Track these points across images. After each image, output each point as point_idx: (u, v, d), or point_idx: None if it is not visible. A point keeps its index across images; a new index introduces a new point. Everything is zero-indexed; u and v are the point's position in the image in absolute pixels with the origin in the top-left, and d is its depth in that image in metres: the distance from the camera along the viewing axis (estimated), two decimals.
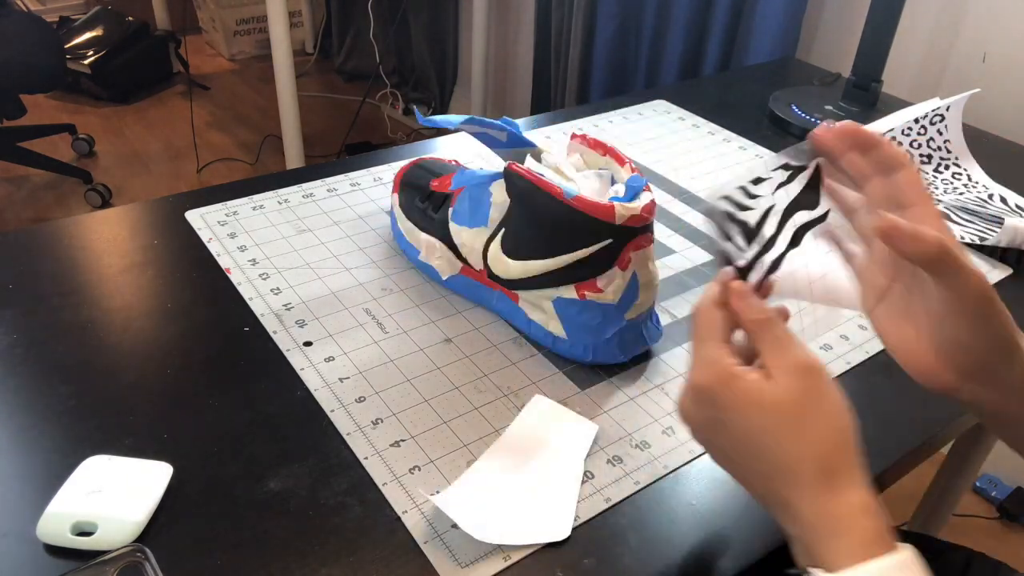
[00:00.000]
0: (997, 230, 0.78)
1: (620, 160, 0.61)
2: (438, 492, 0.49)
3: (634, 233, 0.56)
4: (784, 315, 0.42)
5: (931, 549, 0.70)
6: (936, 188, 0.89)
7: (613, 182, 0.61)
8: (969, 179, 0.91)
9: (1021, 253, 0.78)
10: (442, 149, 0.91)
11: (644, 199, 0.56)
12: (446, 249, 0.65)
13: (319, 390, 0.56)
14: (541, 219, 0.57)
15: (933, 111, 0.93)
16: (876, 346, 0.65)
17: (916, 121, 0.93)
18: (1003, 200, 0.87)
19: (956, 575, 0.67)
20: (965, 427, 0.63)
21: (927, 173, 0.92)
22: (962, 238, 0.79)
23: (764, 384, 0.38)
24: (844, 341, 0.65)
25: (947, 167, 0.93)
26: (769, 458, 0.38)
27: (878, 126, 0.94)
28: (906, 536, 0.72)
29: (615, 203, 0.55)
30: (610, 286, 0.57)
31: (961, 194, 0.88)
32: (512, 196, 0.60)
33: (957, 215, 0.83)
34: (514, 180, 0.58)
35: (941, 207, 0.85)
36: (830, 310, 0.47)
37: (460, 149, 0.91)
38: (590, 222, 0.55)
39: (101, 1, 3.15)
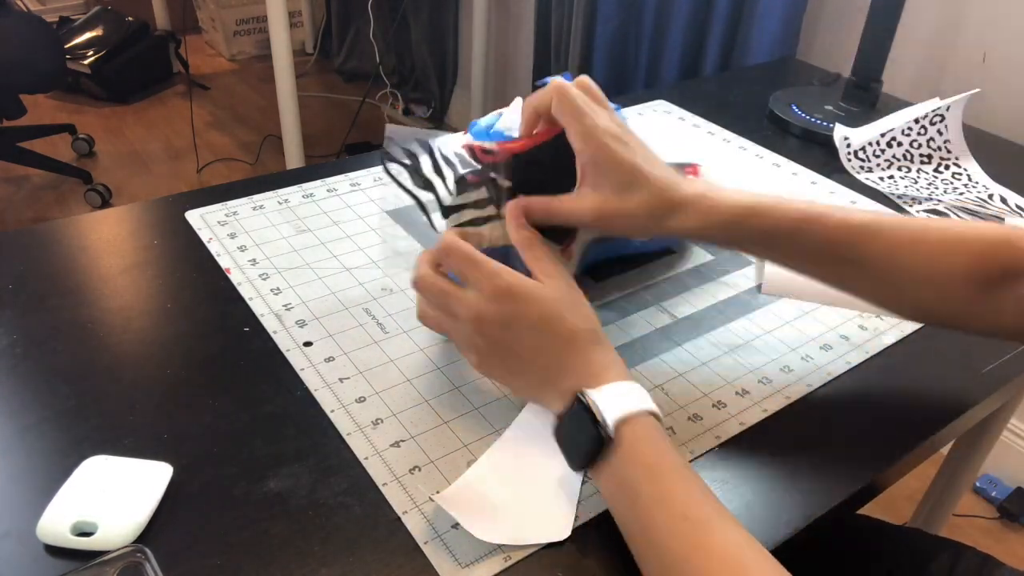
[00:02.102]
0: None
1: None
2: (439, 492, 0.49)
3: None
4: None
5: (921, 545, 0.70)
6: (936, 188, 0.89)
7: None
8: (969, 179, 0.91)
9: None
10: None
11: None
12: None
13: (319, 390, 0.56)
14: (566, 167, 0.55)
15: (933, 111, 0.93)
16: (876, 346, 0.65)
17: (916, 121, 0.93)
18: (1003, 200, 0.87)
19: (944, 570, 0.67)
20: (965, 427, 0.63)
21: (927, 173, 0.92)
22: None
23: (543, 287, 0.50)
24: (844, 341, 0.65)
25: (947, 167, 0.93)
26: (555, 335, 0.49)
27: (878, 126, 0.94)
28: (897, 531, 0.73)
29: None
30: None
31: (961, 194, 0.88)
32: (517, 180, 0.55)
33: (957, 215, 0.83)
34: (513, 164, 0.55)
35: (941, 207, 0.85)
36: None
37: None
38: None
39: (101, 1, 3.15)
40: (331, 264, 0.70)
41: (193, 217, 0.75)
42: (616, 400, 0.46)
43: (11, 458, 0.50)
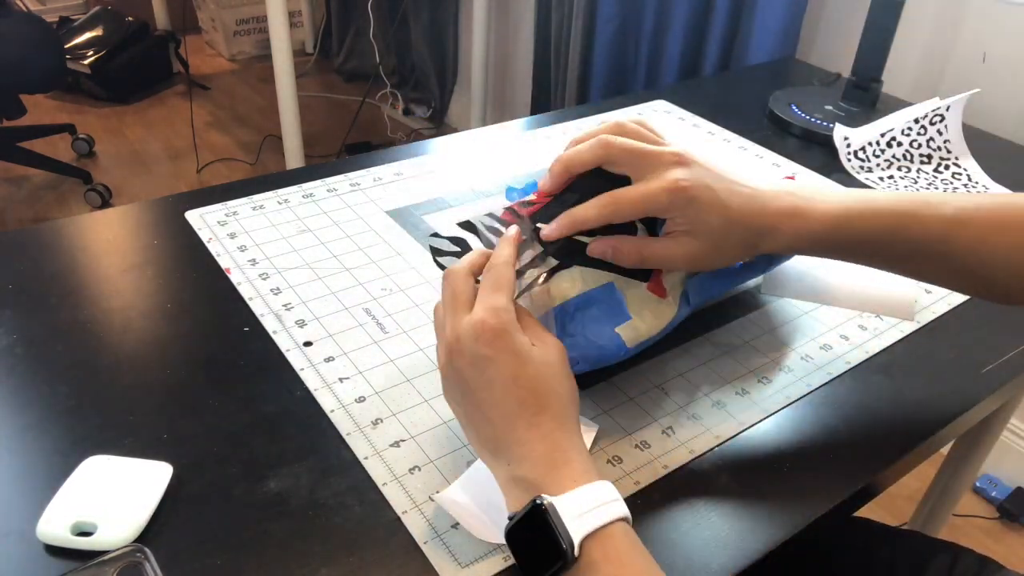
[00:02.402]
0: None
1: None
2: (439, 492, 0.49)
3: None
4: None
5: (920, 547, 0.70)
6: (936, 188, 0.89)
7: None
8: (969, 179, 0.91)
9: None
10: (440, 150, 0.91)
11: None
12: None
13: (319, 390, 0.56)
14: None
15: (933, 111, 0.93)
16: (876, 346, 0.65)
17: (916, 121, 0.93)
18: None
19: (943, 573, 0.67)
20: (965, 427, 0.63)
21: (927, 173, 0.92)
22: None
23: (533, 347, 0.46)
24: (844, 341, 0.65)
25: (947, 167, 0.93)
26: (522, 401, 0.44)
27: (878, 126, 0.94)
28: (895, 533, 0.73)
29: None
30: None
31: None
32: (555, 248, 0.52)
33: None
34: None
35: None
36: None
37: (462, 150, 0.91)
38: None
39: (101, 1, 3.15)
40: (331, 264, 0.70)
41: (193, 217, 0.75)
42: (582, 511, 0.40)
43: (11, 458, 0.50)
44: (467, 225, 0.55)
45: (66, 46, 2.75)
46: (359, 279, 0.68)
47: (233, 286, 0.66)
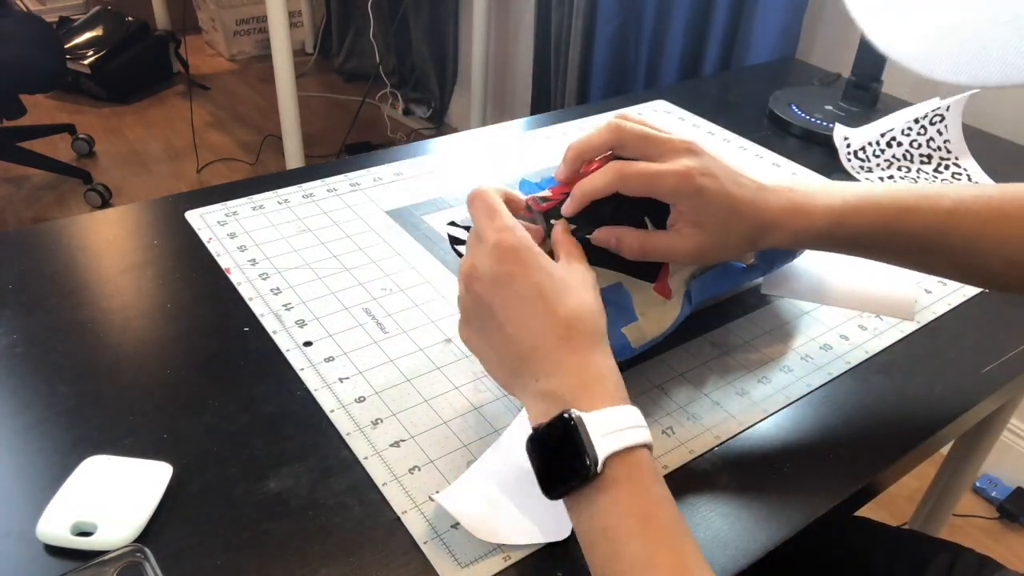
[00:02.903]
0: None
1: None
2: (438, 492, 0.49)
3: None
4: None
5: (919, 546, 0.70)
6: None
7: None
8: (969, 179, 0.91)
9: None
10: (440, 150, 0.91)
11: None
12: None
13: (319, 390, 0.56)
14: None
15: (933, 111, 0.93)
16: (876, 346, 0.65)
17: (916, 121, 0.93)
18: None
19: (943, 573, 0.67)
20: (965, 427, 0.63)
21: (927, 173, 0.92)
22: None
23: (560, 264, 0.46)
24: (844, 341, 0.65)
25: (947, 167, 0.93)
26: (549, 314, 0.43)
27: (878, 126, 0.94)
28: (895, 532, 0.73)
29: None
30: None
31: None
32: (577, 219, 0.52)
33: None
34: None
35: None
36: None
37: (462, 150, 0.91)
38: None
39: (101, 1, 3.15)
40: (331, 264, 0.70)
41: (193, 217, 0.75)
42: (611, 430, 0.40)
43: (11, 458, 0.50)
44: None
45: (66, 46, 2.75)
46: (359, 279, 0.68)
47: (233, 286, 0.66)
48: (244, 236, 0.73)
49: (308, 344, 0.60)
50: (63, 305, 0.63)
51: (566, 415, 0.40)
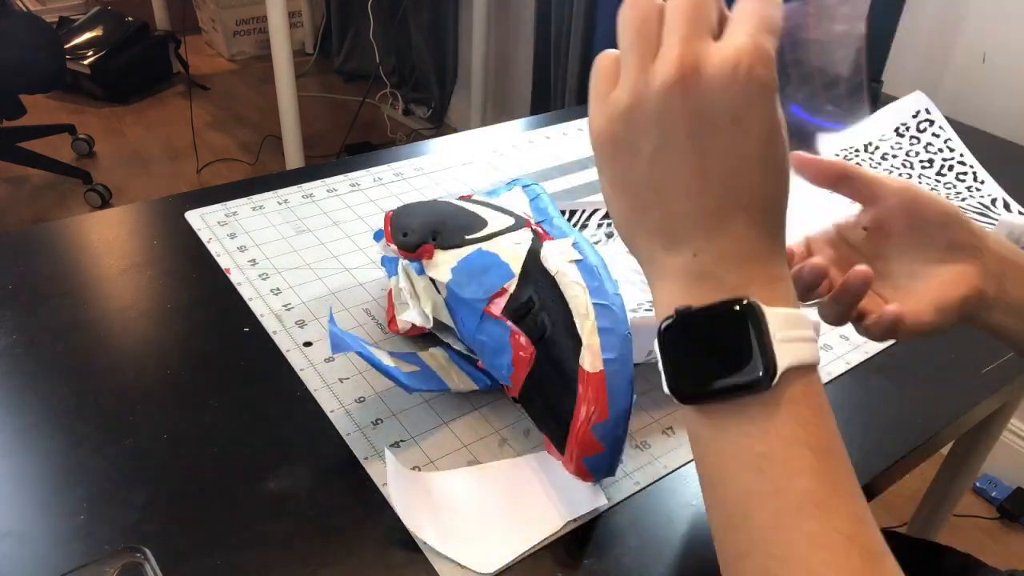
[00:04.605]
0: (989, 227, 0.78)
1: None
2: (397, 450, 0.49)
3: None
4: None
5: (900, 547, 0.70)
6: (939, 192, 0.89)
7: None
8: (975, 177, 0.91)
9: None
10: (440, 150, 0.91)
11: None
12: None
13: (319, 390, 0.56)
14: None
15: (918, 120, 0.92)
16: (876, 347, 0.65)
17: (900, 135, 0.93)
18: (1006, 205, 0.87)
19: (926, 572, 0.66)
20: (965, 427, 0.63)
21: (929, 179, 0.92)
22: None
23: (782, 128, 0.33)
24: (844, 341, 0.65)
25: (951, 168, 0.93)
26: (753, 185, 0.32)
27: (855, 140, 0.94)
28: (896, 537, 0.72)
29: None
30: None
31: (964, 199, 0.87)
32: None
33: None
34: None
35: None
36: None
37: (462, 150, 0.91)
38: None
39: (101, 1, 3.15)
40: (331, 264, 0.70)
41: (193, 217, 0.75)
42: (793, 337, 0.31)
43: (11, 458, 0.50)
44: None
45: (66, 46, 2.75)
46: (359, 279, 0.68)
47: (233, 286, 0.66)
48: (244, 236, 0.73)
49: (308, 344, 0.60)
50: (63, 305, 0.63)
51: (744, 302, 0.31)
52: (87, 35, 2.87)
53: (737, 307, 0.31)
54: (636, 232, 0.35)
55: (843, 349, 0.64)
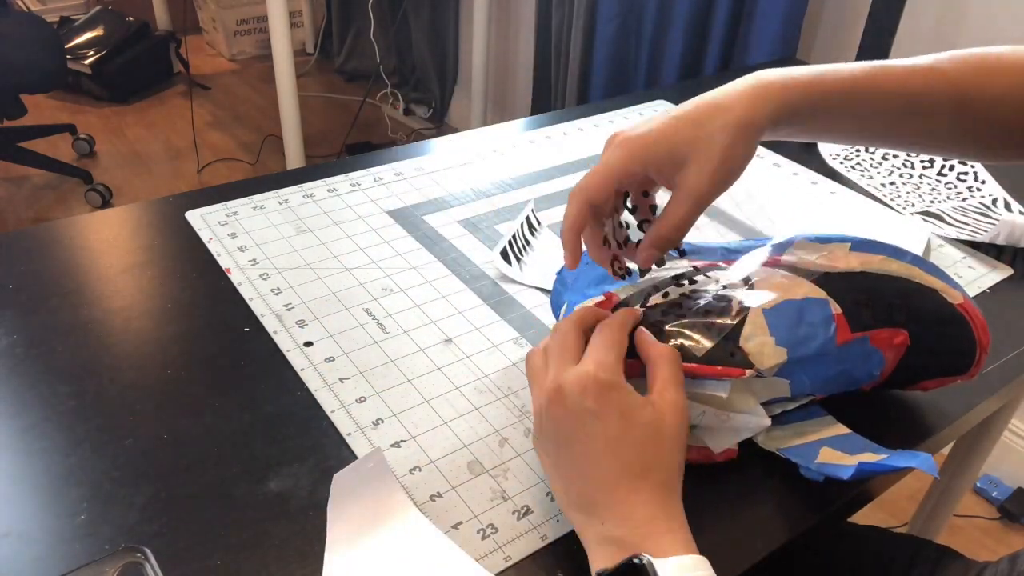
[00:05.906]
0: (990, 227, 0.78)
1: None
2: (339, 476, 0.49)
3: None
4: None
5: (879, 544, 0.69)
6: (939, 193, 0.89)
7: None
8: (976, 177, 0.91)
9: (1017, 252, 0.77)
10: (440, 150, 0.91)
11: None
12: None
13: (319, 390, 0.56)
14: None
15: None
16: None
17: None
18: (1007, 206, 0.87)
19: (903, 567, 0.66)
20: (965, 427, 0.63)
21: (930, 179, 0.92)
22: (958, 237, 0.79)
23: (647, 408, 0.44)
24: None
25: (951, 168, 0.93)
26: (625, 464, 0.42)
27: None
28: (855, 530, 0.71)
29: None
30: None
31: (964, 200, 0.87)
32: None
33: (957, 221, 0.83)
34: None
35: (934, 209, 0.85)
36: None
37: (462, 150, 0.91)
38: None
39: (101, 1, 3.15)
40: (331, 264, 0.70)
41: (193, 217, 0.75)
42: None
43: (11, 458, 0.50)
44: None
45: (67, 46, 2.76)
46: (359, 279, 0.68)
47: (233, 286, 0.66)
48: (244, 236, 0.73)
49: (309, 344, 0.60)
50: (63, 305, 0.63)
51: (636, 560, 0.38)
52: (88, 35, 2.87)
53: (636, 561, 0.38)
54: (567, 508, 0.45)
55: None
